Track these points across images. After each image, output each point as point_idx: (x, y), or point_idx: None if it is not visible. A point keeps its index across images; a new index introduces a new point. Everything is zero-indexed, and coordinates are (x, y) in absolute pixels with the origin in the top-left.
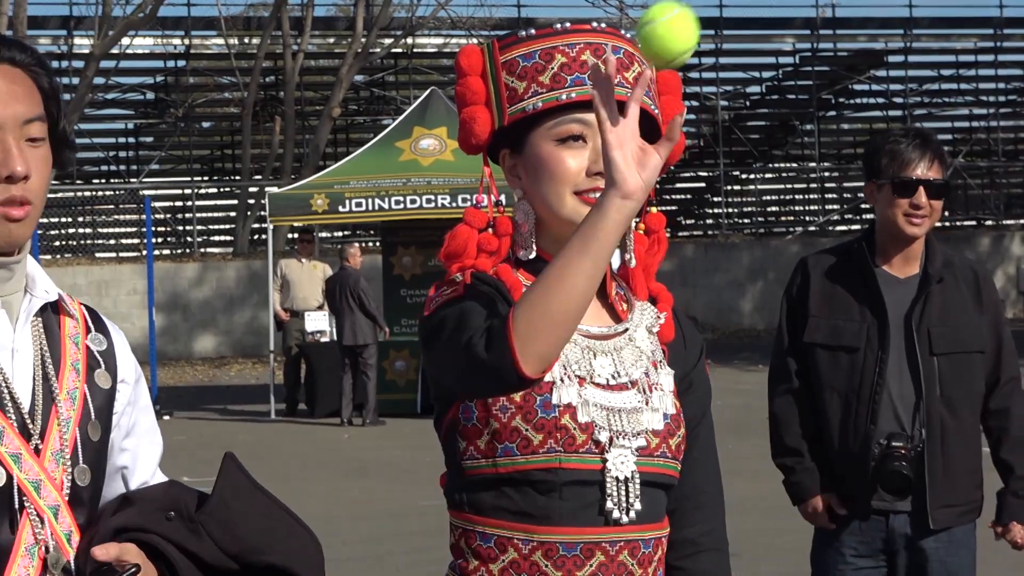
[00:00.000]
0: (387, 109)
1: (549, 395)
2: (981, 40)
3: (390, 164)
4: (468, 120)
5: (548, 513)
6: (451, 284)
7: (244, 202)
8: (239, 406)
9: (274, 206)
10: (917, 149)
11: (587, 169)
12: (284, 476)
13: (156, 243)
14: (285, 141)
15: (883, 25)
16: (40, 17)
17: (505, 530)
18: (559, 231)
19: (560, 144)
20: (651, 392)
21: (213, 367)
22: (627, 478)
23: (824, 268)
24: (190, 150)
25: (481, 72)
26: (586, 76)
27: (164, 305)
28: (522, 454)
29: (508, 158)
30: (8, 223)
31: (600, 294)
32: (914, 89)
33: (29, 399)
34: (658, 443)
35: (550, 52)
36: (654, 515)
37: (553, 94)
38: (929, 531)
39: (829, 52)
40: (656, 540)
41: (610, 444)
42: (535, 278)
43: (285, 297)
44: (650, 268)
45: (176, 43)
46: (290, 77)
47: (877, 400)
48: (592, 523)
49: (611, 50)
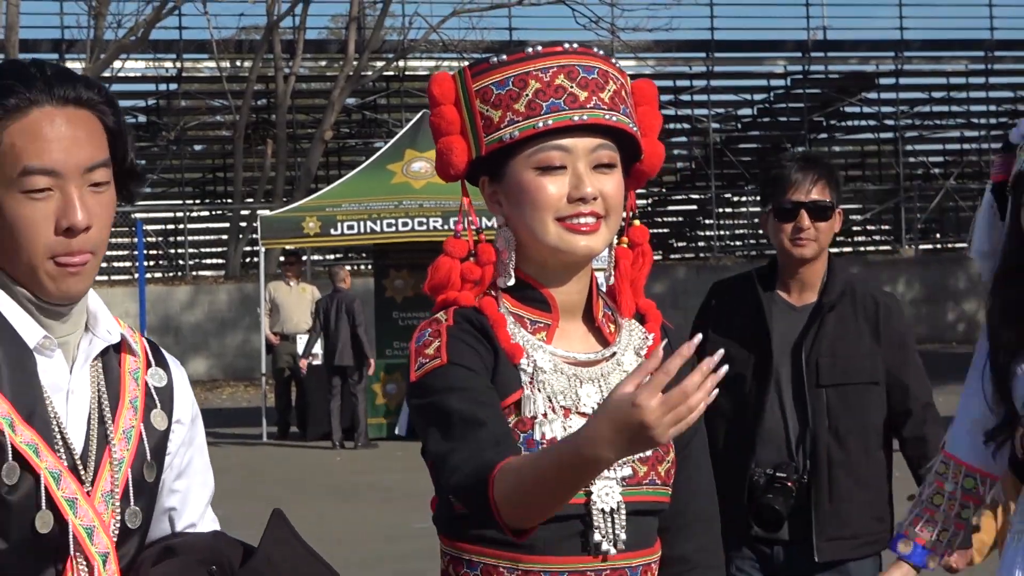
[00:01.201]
0: (379, 132)
1: (531, 432)
2: (972, 63)
3: (382, 187)
4: (445, 150)
5: (532, 543)
6: (435, 332)
7: (236, 225)
8: (231, 429)
9: (266, 229)
10: (799, 172)
11: (568, 196)
12: (276, 499)
13: (148, 266)
14: (277, 164)
15: (874, 48)
16: (32, 40)
17: (491, 558)
18: (542, 257)
19: (540, 172)
20: None
21: (205, 390)
22: (612, 509)
23: (727, 293)
24: (182, 173)
25: (455, 100)
26: (562, 101)
27: (156, 328)
28: None
29: (488, 185)
30: (67, 277)
31: (586, 317)
32: (905, 111)
33: (83, 441)
34: (646, 471)
35: (523, 78)
36: (642, 542)
37: (529, 122)
38: (817, 564)
39: (820, 74)
40: (644, 567)
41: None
42: (520, 304)
43: (275, 321)
44: (637, 283)
45: (168, 66)
46: (282, 100)
47: (756, 430)
48: (577, 553)
49: (584, 71)
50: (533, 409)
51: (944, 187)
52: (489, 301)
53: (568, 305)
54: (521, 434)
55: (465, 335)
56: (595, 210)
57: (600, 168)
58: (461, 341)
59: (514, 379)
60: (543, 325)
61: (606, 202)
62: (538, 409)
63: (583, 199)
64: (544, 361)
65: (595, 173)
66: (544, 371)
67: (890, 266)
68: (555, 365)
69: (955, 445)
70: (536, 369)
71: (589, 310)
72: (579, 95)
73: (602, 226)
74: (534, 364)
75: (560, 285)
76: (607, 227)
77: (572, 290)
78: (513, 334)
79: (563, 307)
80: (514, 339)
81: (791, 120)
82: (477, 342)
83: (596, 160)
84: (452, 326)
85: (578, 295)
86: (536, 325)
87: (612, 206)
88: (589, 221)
